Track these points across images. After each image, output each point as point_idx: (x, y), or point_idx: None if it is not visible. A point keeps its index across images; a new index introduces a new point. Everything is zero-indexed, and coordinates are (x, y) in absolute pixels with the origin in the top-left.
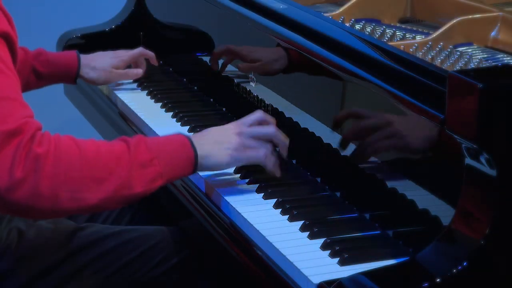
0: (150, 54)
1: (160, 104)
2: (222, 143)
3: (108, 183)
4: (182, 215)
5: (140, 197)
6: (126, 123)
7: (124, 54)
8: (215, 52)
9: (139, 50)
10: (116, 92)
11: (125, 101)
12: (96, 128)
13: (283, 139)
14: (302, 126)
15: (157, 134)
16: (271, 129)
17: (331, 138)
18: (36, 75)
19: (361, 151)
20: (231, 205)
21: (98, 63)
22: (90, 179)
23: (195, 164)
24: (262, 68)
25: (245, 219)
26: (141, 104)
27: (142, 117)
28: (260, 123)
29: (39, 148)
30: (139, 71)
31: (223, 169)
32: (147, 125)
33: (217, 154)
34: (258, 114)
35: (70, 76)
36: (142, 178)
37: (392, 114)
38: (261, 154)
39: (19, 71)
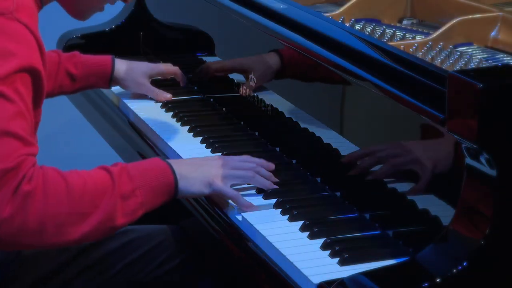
0: (183, 78)
1: (160, 104)
2: (202, 168)
3: (92, 217)
4: (182, 214)
5: (120, 228)
6: (127, 125)
7: (161, 66)
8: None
9: (176, 68)
10: (114, 90)
11: (125, 101)
12: (96, 127)
13: (265, 173)
14: (302, 126)
15: (155, 132)
16: (252, 164)
17: (331, 138)
18: (70, 77)
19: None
20: (232, 206)
21: (133, 68)
22: (76, 214)
23: (175, 191)
24: (263, 78)
25: (245, 219)
26: (140, 103)
27: (142, 117)
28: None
29: (28, 185)
30: (167, 96)
31: (202, 196)
32: (147, 125)
33: (195, 182)
34: (244, 156)
35: (105, 78)
36: (124, 210)
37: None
38: (233, 194)
39: (52, 75)
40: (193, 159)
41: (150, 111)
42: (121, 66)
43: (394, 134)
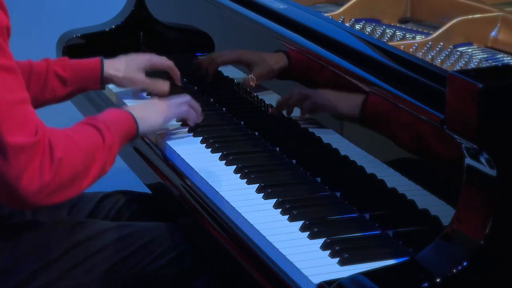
0: (177, 73)
1: None
2: (152, 108)
3: (94, 168)
4: (181, 214)
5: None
6: None
7: (152, 57)
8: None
9: (171, 62)
10: (115, 90)
11: (125, 101)
12: None
13: (197, 106)
14: (302, 126)
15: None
16: (186, 98)
17: (331, 138)
18: (60, 79)
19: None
20: (231, 205)
21: (124, 64)
22: (86, 168)
23: (137, 130)
24: (267, 74)
25: (245, 219)
26: (138, 102)
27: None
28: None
29: (58, 152)
30: (165, 86)
31: (156, 130)
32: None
33: (150, 118)
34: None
35: (95, 78)
36: (110, 158)
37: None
38: (184, 109)
39: (41, 80)
40: (142, 103)
41: None
42: (112, 65)
43: (394, 134)
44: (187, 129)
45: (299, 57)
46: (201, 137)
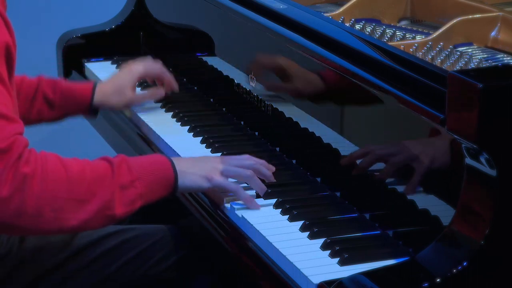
0: (168, 77)
1: (160, 104)
2: (201, 164)
3: (90, 204)
4: (181, 215)
5: (120, 218)
6: (127, 124)
7: (140, 69)
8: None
9: (161, 69)
10: None
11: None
12: (95, 127)
13: (266, 172)
14: (302, 126)
15: (155, 132)
16: (251, 162)
17: (332, 138)
18: (47, 102)
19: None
20: (231, 205)
21: (113, 88)
22: (74, 200)
23: (174, 185)
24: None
25: (245, 219)
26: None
27: (142, 117)
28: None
29: (26, 167)
30: (161, 92)
31: (201, 190)
32: (147, 125)
33: (194, 176)
34: (245, 155)
35: (84, 105)
36: (122, 200)
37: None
38: (232, 187)
39: (28, 99)
40: (193, 157)
41: (150, 111)
42: (104, 89)
43: (394, 134)
44: (187, 129)
45: (299, 58)
46: (201, 137)
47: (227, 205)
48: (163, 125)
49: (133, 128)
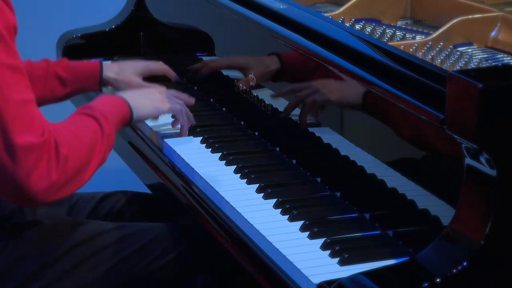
0: (173, 74)
1: None
2: (148, 96)
3: (95, 159)
4: (181, 214)
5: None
6: None
7: (151, 65)
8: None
9: (166, 67)
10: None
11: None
12: None
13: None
14: (302, 126)
15: (152, 129)
16: (186, 96)
17: (331, 138)
18: (60, 80)
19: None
20: (231, 205)
21: (122, 69)
22: (89, 160)
23: (131, 118)
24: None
25: (245, 219)
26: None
27: None
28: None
29: (63, 149)
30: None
31: (150, 117)
32: (147, 124)
33: (145, 106)
34: (171, 91)
35: (94, 80)
36: (109, 146)
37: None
38: (178, 107)
39: (41, 80)
40: (137, 90)
41: None
42: (110, 67)
43: (394, 134)
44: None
45: (298, 60)
46: (201, 137)
47: (227, 205)
48: (163, 125)
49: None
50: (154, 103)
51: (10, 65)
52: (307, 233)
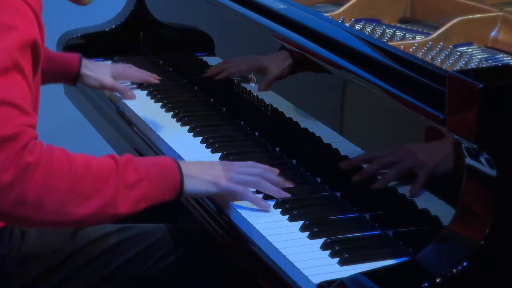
0: (152, 81)
1: (160, 104)
2: (208, 170)
3: (94, 200)
4: (181, 214)
5: (123, 217)
6: (127, 124)
7: (126, 68)
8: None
9: (144, 76)
10: (116, 93)
11: (125, 101)
12: (96, 127)
13: (273, 177)
14: (302, 126)
15: (155, 132)
16: (258, 170)
17: (331, 138)
18: None
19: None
20: (231, 205)
21: (98, 68)
22: (76, 194)
23: (180, 189)
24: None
25: (245, 219)
26: (140, 104)
27: (142, 117)
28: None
29: (30, 156)
30: (133, 95)
31: (206, 196)
32: (147, 125)
33: (201, 180)
34: (250, 162)
35: (70, 75)
36: (127, 199)
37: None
38: (240, 190)
39: None
40: (199, 162)
41: (150, 111)
42: (87, 64)
43: (394, 134)
44: (187, 129)
45: (298, 57)
46: (201, 137)
47: (227, 205)
48: (163, 125)
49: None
50: (213, 179)
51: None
52: (307, 233)
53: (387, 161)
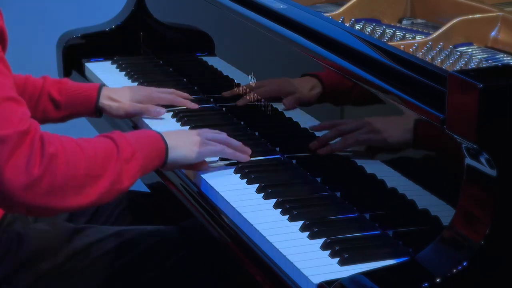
0: (182, 102)
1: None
2: (186, 139)
3: (104, 179)
4: (182, 215)
5: (125, 190)
6: (125, 120)
7: (152, 93)
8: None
9: (171, 97)
10: None
11: None
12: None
13: (237, 143)
14: (302, 126)
15: (152, 129)
16: (224, 135)
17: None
18: (53, 102)
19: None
20: (231, 205)
21: (120, 95)
22: (91, 176)
23: (166, 156)
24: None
25: (245, 219)
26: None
27: (142, 118)
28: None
29: (51, 147)
30: (161, 111)
31: (188, 163)
32: (146, 125)
33: (183, 147)
34: (215, 131)
35: (90, 107)
36: (128, 172)
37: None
38: (218, 148)
39: (33, 99)
40: (176, 131)
41: None
42: (108, 93)
43: (394, 134)
44: (187, 129)
45: (337, 80)
46: None
47: (228, 206)
48: (163, 125)
49: (133, 129)
50: (192, 146)
51: None
52: (307, 233)
53: (347, 128)
